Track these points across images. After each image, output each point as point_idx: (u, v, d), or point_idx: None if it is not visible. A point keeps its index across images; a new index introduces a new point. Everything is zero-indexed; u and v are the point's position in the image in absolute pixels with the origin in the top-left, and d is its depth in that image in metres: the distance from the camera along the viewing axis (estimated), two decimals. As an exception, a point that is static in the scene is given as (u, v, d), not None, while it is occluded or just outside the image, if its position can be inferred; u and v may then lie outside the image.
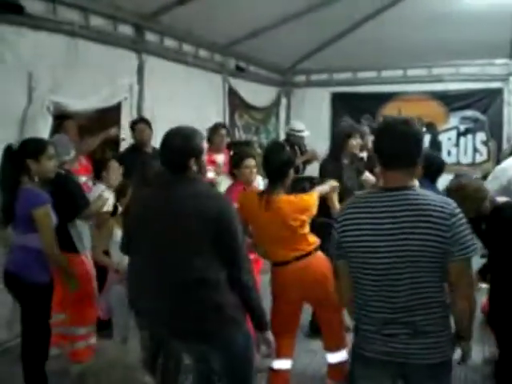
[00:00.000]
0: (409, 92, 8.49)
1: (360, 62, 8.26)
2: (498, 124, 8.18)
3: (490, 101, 8.22)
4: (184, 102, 6.07)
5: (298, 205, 3.25)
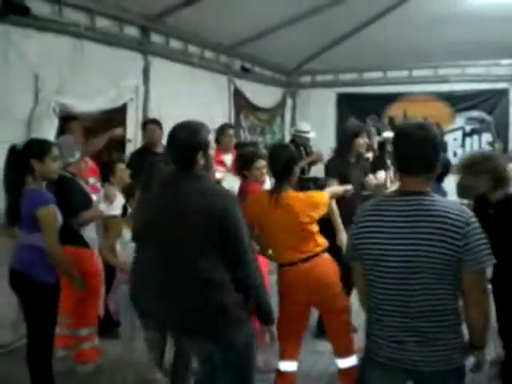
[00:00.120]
0: (414, 93, 8.47)
1: (365, 62, 8.25)
2: (504, 124, 8.16)
3: (495, 101, 8.20)
4: (189, 103, 6.05)
5: (306, 201, 3.27)
